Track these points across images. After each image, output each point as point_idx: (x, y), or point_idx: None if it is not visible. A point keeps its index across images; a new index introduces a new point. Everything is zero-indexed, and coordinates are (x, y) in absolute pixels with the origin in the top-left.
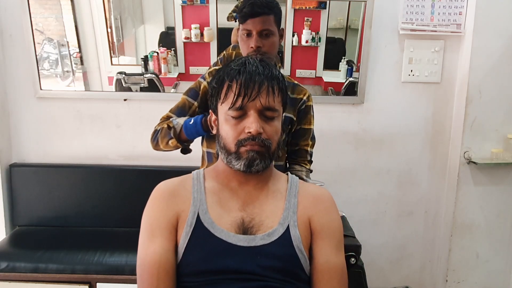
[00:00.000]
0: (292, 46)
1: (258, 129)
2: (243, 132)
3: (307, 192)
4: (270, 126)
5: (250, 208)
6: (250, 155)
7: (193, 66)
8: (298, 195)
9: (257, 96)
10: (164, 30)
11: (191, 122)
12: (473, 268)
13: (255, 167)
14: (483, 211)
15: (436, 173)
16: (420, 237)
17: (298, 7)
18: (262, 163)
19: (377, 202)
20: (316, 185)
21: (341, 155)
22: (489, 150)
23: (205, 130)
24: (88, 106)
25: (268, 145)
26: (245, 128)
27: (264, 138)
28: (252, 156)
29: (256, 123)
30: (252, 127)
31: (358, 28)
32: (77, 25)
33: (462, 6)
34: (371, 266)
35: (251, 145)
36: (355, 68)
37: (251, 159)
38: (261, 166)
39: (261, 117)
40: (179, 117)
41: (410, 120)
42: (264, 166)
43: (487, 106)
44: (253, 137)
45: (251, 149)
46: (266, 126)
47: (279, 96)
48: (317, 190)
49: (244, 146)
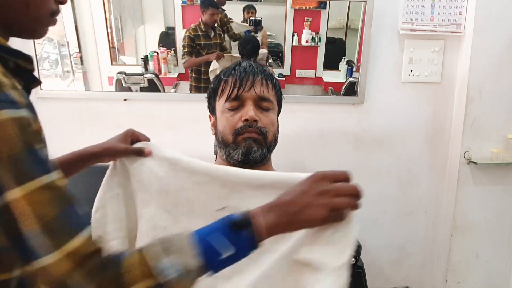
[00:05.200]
0: (292, 46)
1: (254, 116)
2: (240, 121)
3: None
4: (266, 116)
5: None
6: (247, 143)
7: None
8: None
9: (252, 87)
10: (164, 30)
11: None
12: (473, 268)
13: (252, 154)
14: (483, 211)
15: (436, 173)
16: (420, 237)
17: (298, 7)
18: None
19: (377, 202)
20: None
21: (341, 155)
22: (489, 150)
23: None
24: (88, 106)
25: (264, 133)
26: (242, 117)
27: (260, 126)
28: (250, 144)
29: (252, 111)
30: (248, 113)
31: (358, 28)
32: (77, 25)
33: (462, 6)
34: (371, 266)
35: (248, 133)
36: (355, 68)
37: (249, 147)
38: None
39: (257, 107)
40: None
41: (410, 120)
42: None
43: (487, 106)
44: (250, 124)
45: (248, 136)
46: (262, 116)
47: (273, 90)
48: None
49: (241, 135)
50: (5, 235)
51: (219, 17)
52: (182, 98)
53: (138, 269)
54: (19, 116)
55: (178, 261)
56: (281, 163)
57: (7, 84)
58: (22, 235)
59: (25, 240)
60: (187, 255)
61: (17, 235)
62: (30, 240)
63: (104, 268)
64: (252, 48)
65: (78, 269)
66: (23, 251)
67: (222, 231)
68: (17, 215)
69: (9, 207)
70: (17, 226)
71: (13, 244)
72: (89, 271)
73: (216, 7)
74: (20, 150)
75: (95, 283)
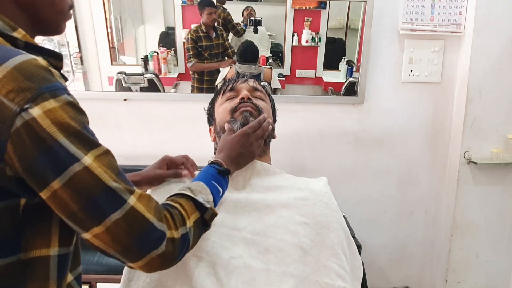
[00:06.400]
0: (292, 46)
1: (248, 94)
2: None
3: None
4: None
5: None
6: (244, 115)
7: None
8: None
9: (246, 81)
10: (164, 30)
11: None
12: (473, 268)
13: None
14: (483, 211)
15: (436, 173)
16: (420, 237)
17: (298, 7)
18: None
19: (377, 202)
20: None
21: (341, 155)
22: (489, 150)
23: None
24: (88, 106)
25: (260, 110)
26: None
27: (255, 103)
28: (246, 116)
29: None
30: (242, 93)
31: (358, 28)
32: (77, 25)
33: (462, 6)
34: (371, 266)
35: (244, 107)
36: (355, 68)
37: (245, 118)
38: None
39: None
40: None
41: (410, 120)
42: None
43: (487, 106)
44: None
45: (244, 110)
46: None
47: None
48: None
49: (237, 111)
50: (80, 197)
51: (222, 16)
52: (182, 98)
53: (188, 205)
54: (71, 100)
55: (205, 197)
56: (281, 163)
57: (57, 74)
58: (103, 189)
59: (103, 195)
60: (206, 192)
61: (92, 194)
62: (108, 193)
63: (168, 208)
64: (252, 55)
65: (148, 207)
66: (93, 211)
67: (216, 177)
68: (94, 175)
69: (88, 169)
70: (94, 185)
71: (86, 204)
72: (156, 208)
73: (213, 6)
74: (81, 126)
75: (163, 218)
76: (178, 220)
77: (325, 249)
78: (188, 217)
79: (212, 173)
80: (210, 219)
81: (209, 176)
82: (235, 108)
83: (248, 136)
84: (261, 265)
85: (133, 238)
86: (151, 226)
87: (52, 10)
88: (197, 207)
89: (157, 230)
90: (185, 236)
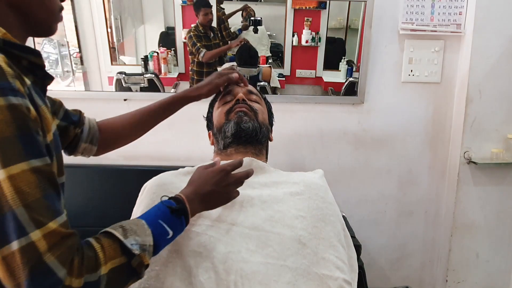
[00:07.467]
0: (292, 46)
1: (243, 96)
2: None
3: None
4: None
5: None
6: (238, 115)
7: None
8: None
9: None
10: (164, 30)
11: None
12: (473, 268)
13: (243, 124)
14: (483, 211)
15: (436, 173)
16: (420, 237)
17: (298, 7)
18: (251, 123)
19: (377, 202)
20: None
21: (341, 155)
22: (489, 150)
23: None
24: (88, 106)
25: (255, 110)
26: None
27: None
28: (240, 116)
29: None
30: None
31: (358, 28)
32: (77, 25)
33: (462, 6)
34: (371, 266)
35: (239, 107)
36: (355, 68)
37: (239, 118)
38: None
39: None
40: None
41: (410, 120)
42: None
43: (487, 106)
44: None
45: (239, 110)
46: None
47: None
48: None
49: (232, 111)
50: None
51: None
52: None
53: (111, 249)
54: (15, 103)
55: (140, 239)
56: (281, 163)
57: (11, 74)
58: (5, 214)
59: (5, 220)
60: (144, 235)
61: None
62: (10, 219)
63: (79, 249)
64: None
65: (55, 249)
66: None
67: (167, 217)
68: (2, 193)
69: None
70: (0, 205)
71: None
72: (65, 251)
73: (208, 6)
74: (10, 134)
75: (68, 262)
76: (87, 266)
77: (323, 241)
78: (105, 262)
79: (164, 211)
80: (139, 267)
81: (159, 214)
82: (230, 109)
83: (226, 174)
84: (260, 259)
85: (24, 277)
86: (47, 269)
87: (42, 11)
88: (123, 252)
89: (53, 275)
90: (91, 284)
